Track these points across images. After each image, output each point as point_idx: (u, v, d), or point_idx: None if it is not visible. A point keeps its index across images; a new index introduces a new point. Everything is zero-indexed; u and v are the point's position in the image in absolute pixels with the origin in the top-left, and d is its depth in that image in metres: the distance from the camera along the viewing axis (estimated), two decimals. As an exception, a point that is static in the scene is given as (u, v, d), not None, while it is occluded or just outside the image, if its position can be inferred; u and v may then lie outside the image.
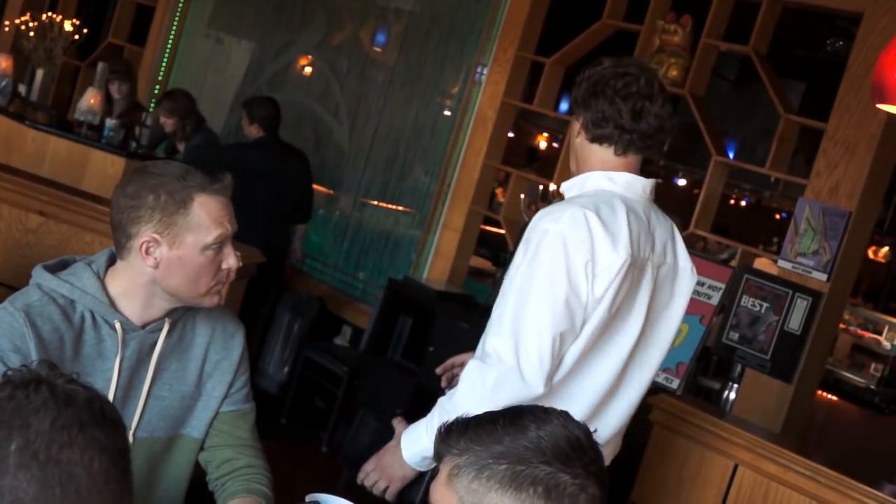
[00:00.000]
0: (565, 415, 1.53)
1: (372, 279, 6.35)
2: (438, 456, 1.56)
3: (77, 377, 1.13)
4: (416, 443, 2.45)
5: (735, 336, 4.53)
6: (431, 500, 1.56)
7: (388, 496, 2.51)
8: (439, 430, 1.57)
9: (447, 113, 6.26)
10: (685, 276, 2.62)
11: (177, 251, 2.09)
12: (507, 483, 1.46)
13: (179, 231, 2.08)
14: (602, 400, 2.47)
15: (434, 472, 1.58)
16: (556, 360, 2.31)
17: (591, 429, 1.54)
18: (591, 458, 1.49)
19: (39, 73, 7.62)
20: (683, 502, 3.32)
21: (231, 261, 2.14)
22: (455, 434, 1.53)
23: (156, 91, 7.71)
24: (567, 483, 1.45)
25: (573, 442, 1.48)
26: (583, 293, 2.30)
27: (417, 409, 5.07)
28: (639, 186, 2.52)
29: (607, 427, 2.50)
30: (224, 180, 2.15)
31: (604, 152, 2.52)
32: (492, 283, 6.03)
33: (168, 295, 2.14)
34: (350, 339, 6.11)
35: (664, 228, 2.56)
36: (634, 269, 2.38)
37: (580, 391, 2.42)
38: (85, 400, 1.08)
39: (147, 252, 2.09)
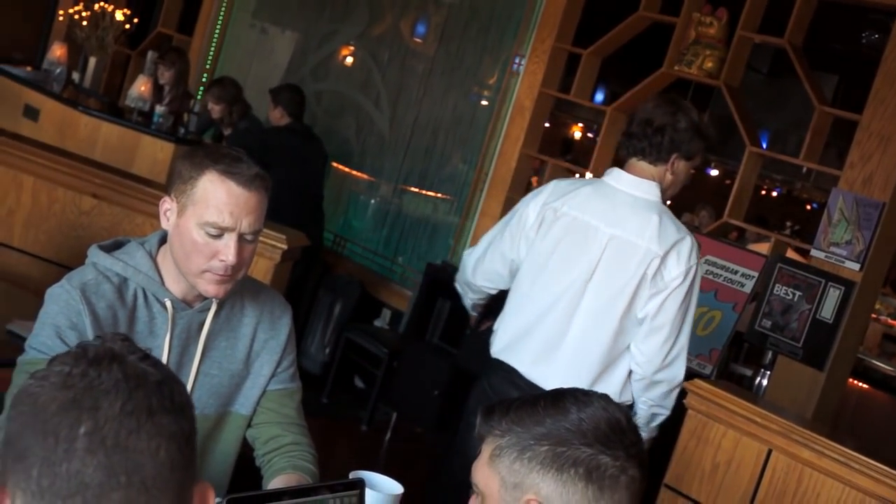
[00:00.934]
0: (605, 398, 1.52)
1: (411, 264, 6.34)
2: (481, 437, 1.55)
3: (150, 353, 1.08)
4: None
5: (768, 323, 4.48)
6: (474, 480, 1.55)
7: None
8: (482, 412, 1.55)
9: (485, 103, 6.23)
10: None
11: (180, 219, 2.06)
12: (549, 464, 1.45)
13: (187, 201, 2.05)
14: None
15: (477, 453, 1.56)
16: None
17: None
18: (631, 441, 1.48)
19: (92, 62, 7.67)
20: (717, 486, 3.28)
21: (229, 255, 2.03)
22: (497, 415, 1.52)
23: (203, 79, 7.73)
24: (608, 464, 1.44)
25: (613, 424, 1.47)
26: None
27: (454, 390, 5.12)
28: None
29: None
30: (241, 168, 2.03)
31: None
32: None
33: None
34: (389, 322, 6.11)
35: None
36: None
37: None
38: (155, 383, 1.03)
39: (165, 216, 2.10)
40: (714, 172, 10.98)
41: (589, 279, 2.92)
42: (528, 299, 3.03)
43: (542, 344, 2.99)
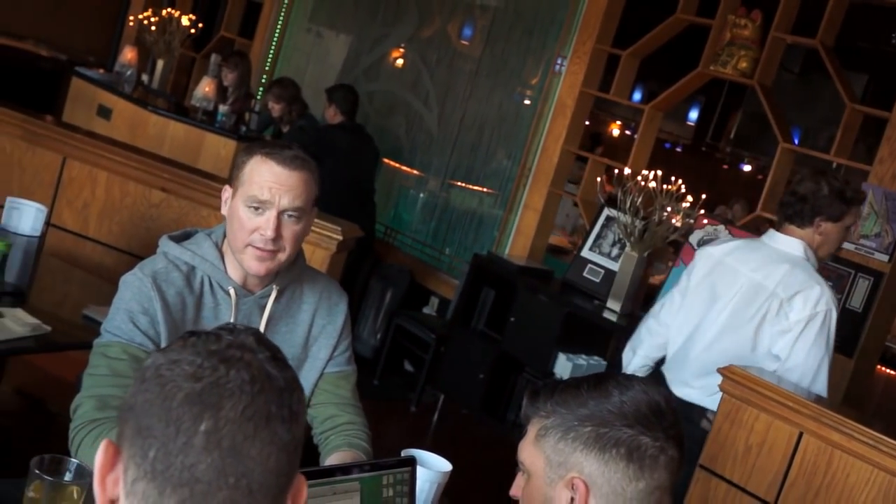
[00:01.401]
0: (646, 381, 1.52)
1: (457, 254, 6.34)
2: (527, 417, 1.55)
3: (281, 356, 1.05)
4: None
5: (798, 312, 4.41)
6: (520, 459, 1.55)
7: None
8: (528, 394, 1.56)
9: (527, 102, 6.21)
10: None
11: (233, 202, 2.11)
12: (592, 444, 1.45)
13: (238, 184, 2.10)
14: None
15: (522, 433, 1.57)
16: None
17: None
18: (670, 423, 1.47)
19: (160, 64, 7.74)
20: (750, 467, 3.25)
21: (267, 230, 2.06)
22: (543, 397, 1.53)
23: (263, 80, 7.78)
24: (648, 445, 1.44)
25: (654, 407, 1.46)
26: None
27: (498, 374, 5.12)
28: None
29: None
30: (283, 151, 2.09)
31: None
32: (569, 259, 5.98)
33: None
34: (437, 309, 6.11)
35: None
36: None
37: None
38: (278, 389, 1.00)
39: (225, 203, 2.15)
40: (747, 168, 10.84)
41: (725, 310, 3.33)
42: (677, 328, 3.48)
43: (681, 364, 3.45)
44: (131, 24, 8.32)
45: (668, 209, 4.63)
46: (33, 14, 9.36)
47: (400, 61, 7.20)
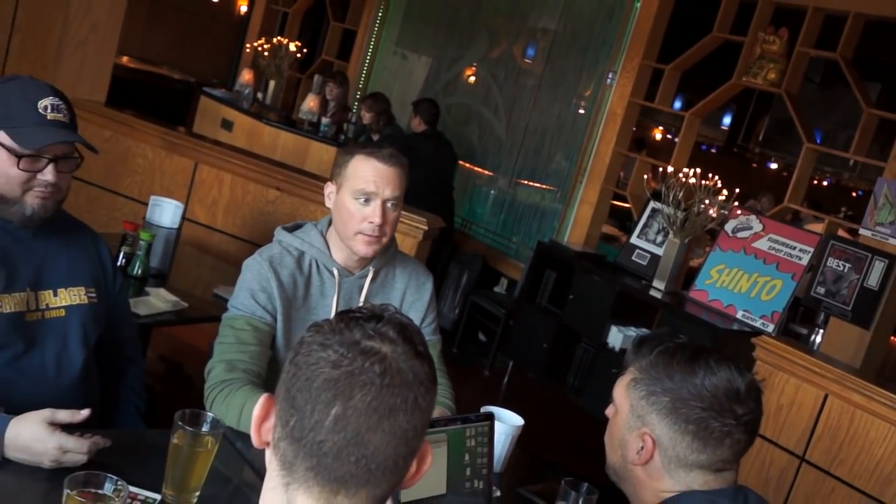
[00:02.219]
0: (737, 365, 1.42)
1: (523, 242, 6.31)
2: (627, 361, 1.49)
3: (422, 349, 1.00)
4: None
5: (821, 290, 4.30)
6: (613, 393, 1.50)
7: None
8: (636, 340, 1.49)
9: (581, 111, 6.14)
10: None
11: (338, 196, 2.10)
12: (667, 413, 1.40)
13: (342, 180, 2.09)
14: None
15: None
16: None
17: None
18: (746, 410, 1.39)
19: (272, 84, 7.83)
20: (781, 424, 3.18)
21: (375, 217, 2.06)
22: (643, 352, 1.46)
23: (357, 96, 7.81)
24: (716, 429, 1.38)
25: (732, 394, 1.38)
26: None
27: (559, 344, 5.07)
28: None
29: None
30: (382, 150, 2.10)
31: None
32: (619, 245, 5.91)
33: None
34: (506, 288, 6.09)
35: None
36: None
37: None
38: (406, 383, 0.96)
39: (328, 197, 2.15)
40: (774, 165, 10.60)
41: None
42: None
43: None
44: (248, 50, 8.43)
45: (706, 202, 4.56)
46: (166, 44, 9.55)
47: (472, 78, 7.17)
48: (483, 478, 1.76)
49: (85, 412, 1.60)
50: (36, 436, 1.54)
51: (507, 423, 2.03)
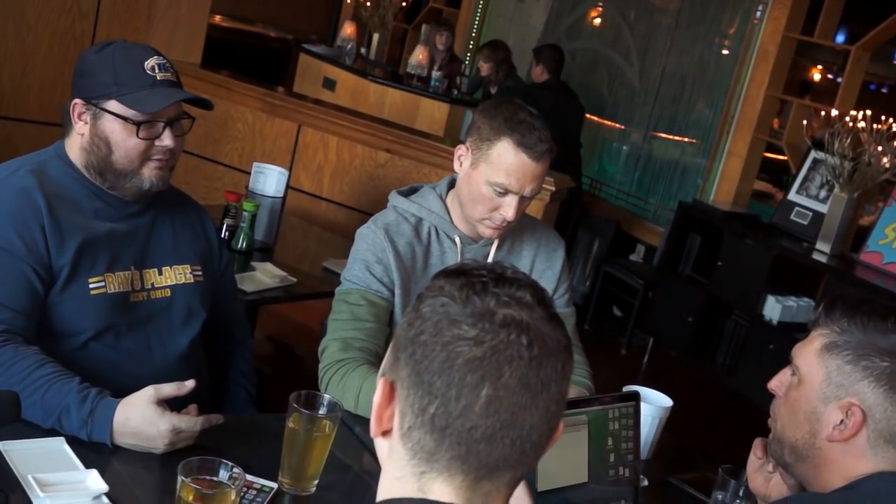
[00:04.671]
0: None
1: (662, 203, 6.21)
2: (814, 323, 1.43)
3: (555, 311, 0.99)
4: None
5: None
6: (795, 360, 1.44)
7: None
8: (826, 302, 1.42)
9: (726, 52, 5.98)
10: None
11: (473, 171, 2.06)
12: (884, 381, 1.33)
13: (481, 157, 2.04)
14: None
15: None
16: None
17: None
18: None
19: (375, 37, 7.91)
20: None
21: (509, 213, 2.03)
22: (840, 312, 1.39)
23: (470, 45, 7.80)
24: None
25: None
26: None
27: (707, 317, 4.98)
28: None
29: None
30: (535, 141, 2.00)
31: None
32: (774, 204, 5.74)
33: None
34: (643, 256, 6.01)
35: None
36: None
37: None
38: (554, 352, 0.96)
39: (459, 161, 2.10)
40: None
41: None
42: None
43: None
44: (348, 2, 8.53)
45: (879, 149, 4.38)
46: (261, 0, 9.75)
47: (598, 20, 7.06)
48: (629, 465, 1.74)
49: (190, 383, 1.64)
50: (146, 418, 1.60)
51: (654, 404, 2.00)
